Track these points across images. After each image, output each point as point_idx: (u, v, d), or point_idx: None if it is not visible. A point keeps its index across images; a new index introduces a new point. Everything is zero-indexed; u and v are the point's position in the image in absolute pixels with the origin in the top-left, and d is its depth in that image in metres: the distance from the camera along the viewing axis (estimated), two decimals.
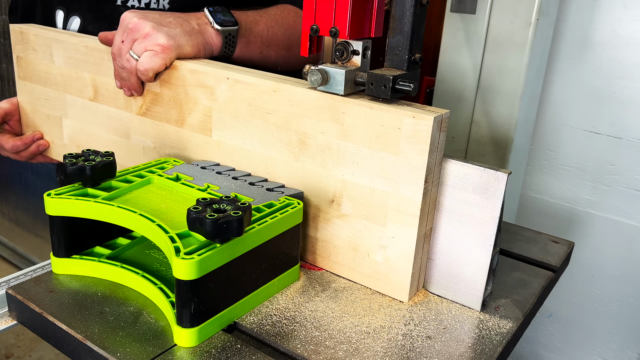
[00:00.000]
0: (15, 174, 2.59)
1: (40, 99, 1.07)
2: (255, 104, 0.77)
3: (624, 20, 1.32)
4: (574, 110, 1.43)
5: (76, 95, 1.00)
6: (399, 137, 0.66)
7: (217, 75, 0.79)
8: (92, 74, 0.96)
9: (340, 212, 0.73)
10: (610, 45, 1.35)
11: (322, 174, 0.73)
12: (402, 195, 0.67)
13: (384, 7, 0.71)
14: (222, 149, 0.82)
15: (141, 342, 0.61)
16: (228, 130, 0.81)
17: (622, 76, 1.35)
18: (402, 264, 0.70)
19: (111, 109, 0.95)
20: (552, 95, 1.46)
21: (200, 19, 0.89)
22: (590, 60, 1.38)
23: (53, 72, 1.02)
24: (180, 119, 0.86)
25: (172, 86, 0.85)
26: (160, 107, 0.88)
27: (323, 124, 0.71)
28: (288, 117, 0.74)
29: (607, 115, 1.39)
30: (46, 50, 1.01)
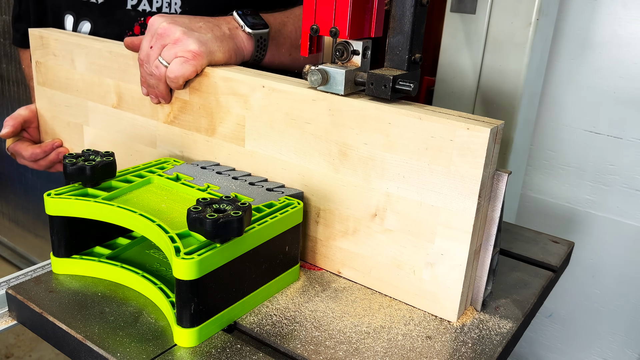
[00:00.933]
0: (15, 174, 2.59)
1: (60, 106, 1.05)
2: (293, 113, 0.74)
3: (624, 20, 1.32)
4: (574, 110, 1.43)
5: (98, 102, 0.97)
6: (450, 150, 0.63)
7: (251, 83, 0.76)
8: (116, 80, 0.93)
9: (384, 227, 0.70)
10: (610, 45, 1.35)
11: (364, 187, 0.70)
12: (453, 210, 0.64)
13: (384, 7, 0.71)
14: (255, 159, 0.80)
15: (141, 342, 0.61)
16: (262, 140, 0.78)
17: (622, 76, 1.35)
18: (451, 282, 0.66)
19: (136, 116, 0.92)
20: (552, 95, 1.46)
21: (231, 23, 0.86)
22: (590, 60, 1.38)
23: (74, 78, 0.99)
24: (211, 128, 0.83)
25: (203, 94, 0.82)
26: (189, 115, 0.85)
27: (366, 135, 0.68)
28: (328, 127, 0.71)
29: (607, 115, 1.39)
30: (67, 55, 0.99)
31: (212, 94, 0.81)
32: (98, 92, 0.97)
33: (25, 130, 1.10)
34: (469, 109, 1.38)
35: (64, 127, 1.06)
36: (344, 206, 0.73)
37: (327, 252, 0.76)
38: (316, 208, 0.76)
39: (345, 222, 0.73)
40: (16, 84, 2.40)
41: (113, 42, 0.95)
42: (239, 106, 0.79)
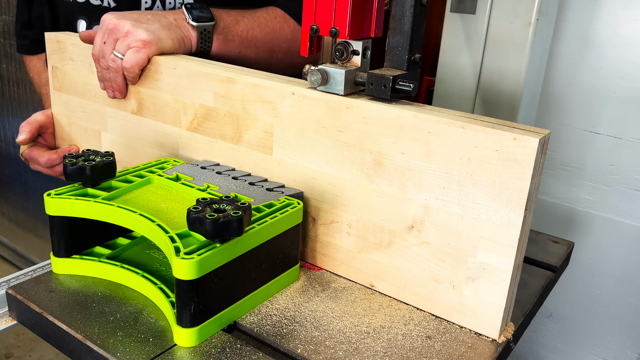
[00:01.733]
0: (15, 174, 2.59)
1: (77, 112, 1.02)
2: (324, 121, 0.71)
3: (624, 20, 1.32)
4: (574, 110, 1.43)
5: (117, 108, 0.95)
6: (495, 160, 0.60)
7: (280, 90, 0.74)
8: (136, 86, 0.90)
9: (421, 240, 0.67)
10: (610, 45, 1.35)
11: (400, 198, 0.68)
12: (497, 223, 0.61)
13: (384, 7, 0.71)
14: (283, 167, 0.77)
15: (141, 342, 0.61)
16: (291, 148, 0.76)
17: (622, 76, 1.35)
18: (494, 297, 0.64)
19: (157, 123, 0.90)
20: (552, 95, 1.46)
21: (178, 15, 0.92)
22: (590, 60, 1.38)
23: (93, 84, 0.97)
24: (237, 136, 0.80)
25: (229, 101, 0.79)
26: (214, 122, 0.82)
27: (404, 144, 0.66)
28: (362, 136, 0.69)
29: (607, 115, 1.39)
30: (85, 60, 0.96)
31: (239, 101, 0.78)
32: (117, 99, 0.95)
33: (41, 136, 1.10)
34: (469, 109, 1.38)
35: (80, 133, 1.04)
36: (378, 217, 0.70)
37: (359, 264, 0.74)
38: (348, 219, 0.73)
39: (379, 233, 0.71)
40: (16, 84, 2.40)
41: None
42: (266, 114, 0.76)
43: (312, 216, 0.76)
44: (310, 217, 0.76)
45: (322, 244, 0.77)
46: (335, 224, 0.74)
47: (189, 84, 0.83)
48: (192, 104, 0.84)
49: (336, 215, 0.74)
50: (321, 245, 0.77)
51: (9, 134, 2.53)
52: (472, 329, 0.67)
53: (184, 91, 0.84)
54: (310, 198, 0.76)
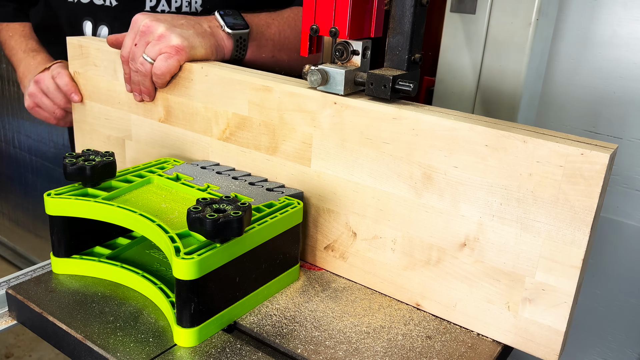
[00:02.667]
0: (15, 174, 2.59)
1: (100, 118, 0.99)
2: (368, 132, 0.68)
3: (624, 20, 1.32)
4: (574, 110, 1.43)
5: (143, 116, 0.92)
6: (559, 176, 0.57)
7: (321, 99, 0.71)
8: (164, 93, 0.87)
9: (474, 258, 0.65)
10: (610, 45, 1.35)
11: (452, 214, 0.65)
12: (559, 242, 0.59)
13: (384, 7, 0.71)
14: (322, 179, 0.74)
15: (141, 342, 0.61)
16: (331, 160, 0.73)
17: (622, 76, 1.35)
18: (553, 320, 0.61)
19: (186, 131, 0.87)
20: (552, 95, 1.46)
21: (212, 22, 0.89)
22: (590, 60, 1.38)
23: (117, 90, 0.94)
24: (273, 146, 0.78)
25: (264, 110, 0.76)
26: (248, 132, 0.79)
27: (457, 157, 0.63)
28: (410, 148, 0.66)
29: (607, 115, 1.39)
30: (109, 66, 0.93)
31: (275, 110, 0.76)
32: (143, 106, 0.91)
33: None
34: (469, 109, 1.38)
35: (103, 140, 1.01)
36: (426, 234, 0.67)
37: (404, 282, 0.71)
38: (392, 235, 0.70)
39: (427, 251, 0.68)
40: (16, 84, 2.40)
41: None
42: (305, 123, 0.73)
43: (352, 231, 0.73)
44: (351, 231, 0.74)
45: (363, 260, 0.74)
46: (379, 239, 0.71)
47: (222, 91, 0.80)
48: (225, 113, 0.81)
49: (380, 231, 0.71)
50: (362, 261, 0.74)
51: (9, 134, 2.53)
52: (528, 352, 0.64)
53: (216, 99, 0.81)
54: (350, 212, 0.73)
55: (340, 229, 0.74)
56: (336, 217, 0.74)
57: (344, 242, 0.75)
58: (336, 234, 0.75)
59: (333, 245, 0.76)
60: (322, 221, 0.76)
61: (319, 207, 0.76)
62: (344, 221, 0.74)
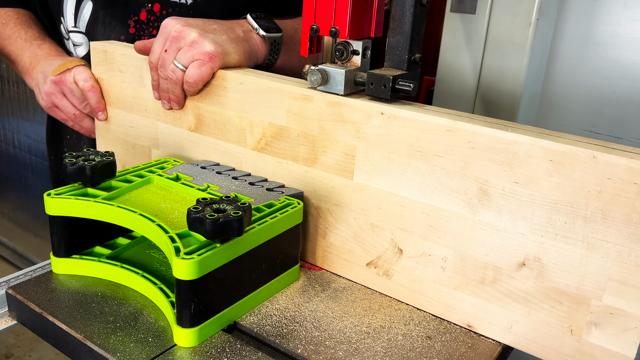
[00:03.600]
0: (15, 174, 2.59)
1: (124, 126, 0.95)
2: (419, 145, 0.65)
3: (624, 20, 1.32)
4: (574, 110, 1.43)
5: (172, 124, 0.88)
6: (634, 194, 0.54)
7: (366, 109, 0.68)
8: (195, 101, 0.84)
9: (533, 279, 0.61)
10: (610, 45, 1.35)
11: (510, 231, 0.61)
12: (631, 264, 0.56)
13: (384, 7, 0.71)
14: (365, 193, 0.71)
15: (141, 342, 0.61)
16: (376, 173, 0.69)
17: (622, 76, 1.35)
18: (622, 345, 0.58)
19: (218, 141, 0.83)
20: (552, 95, 1.46)
21: (245, 26, 0.86)
22: (590, 60, 1.38)
23: (143, 97, 0.90)
24: (312, 158, 0.74)
25: (304, 120, 0.73)
26: (285, 142, 0.76)
27: (517, 172, 0.59)
28: (465, 162, 0.62)
29: (607, 115, 1.39)
30: (136, 72, 0.90)
31: (316, 120, 0.72)
32: (172, 114, 0.88)
33: None
34: (469, 109, 1.38)
35: (128, 149, 0.97)
36: (481, 252, 0.64)
37: (454, 302, 0.68)
38: (443, 252, 0.67)
39: (481, 270, 0.65)
40: (16, 84, 2.40)
41: None
42: (348, 134, 0.70)
43: (398, 247, 0.70)
44: (396, 248, 0.70)
45: (410, 279, 0.70)
46: (428, 257, 0.68)
47: (258, 100, 0.77)
48: (260, 122, 0.78)
49: (429, 248, 0.68)
50: (409, 279, 0.70)
51: (9, 134, 2.53)
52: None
53: (251, 108, 0.78)
54: (396, 227, 0.70)
55: (385, 245, 0.71)
56: (380, 232, 0.71)
57: (389, 258, 0.71)
58: (380, 250, 0.72)
59: (376, 262, 0.72)
60: (364, 236, 0.72)
61: (361, 221, 0.72)
62: (389, 237, 0.70)
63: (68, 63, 0.96)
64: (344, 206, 0.73)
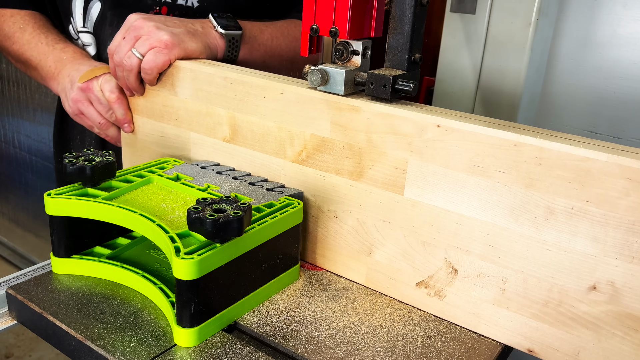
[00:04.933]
0: (15, 174, 2.60)
1: (153, 136, 0.92)
2: (479, 159, 0.61)
3: (624, 20, 1.32)
4: (574, 110, 1.43)
5: (205, 134, 0.85)
6: None
7: (420, 121, 0.64)
8: (230, 111, 0.80)
9: (605, 304, 0.58)
10: (610, 45, 1.35)
11: (579, 253, 0.58)
12: None
13: (384, 7, 0.71)
14: (416, 209, 0.67)
15: (141, 342, 0.61)
16: (430, 188, 0.66)
17: (622, 76, 1.35)
18: None
19: (255, 152, 0.80)
20: (552, 95, 1.46)
21: (205, 23, 0.91)
22: (590, 60, 1.38)
23: (174, 106, 0.87)
24: (358, 171, 0.71)
25: (349, 131, 0.70)
26: (328, 155, 0.73)
27: (589, 191, 0.56)
28: (531, 179, 0.59)
29: (607, 115, 1.39)
30: (167, 79, 0.87)
31: (363, 132, 0.69)
32: (205, 123, 0.84)
33: None
34: (469, 109, 1.38)
35: (155, 159, 0.90)
36: (546, 274, 0.61)
37: (514, 325, 0.64)
38: (502, 273, 0.63)
39: (545, 292, 0.61)
40: (16, 84, 2.40)
41: (228, 67, 0.82)
42: (399, 147, 0.67)
43: (452, 267, 0.67)
44: (451, 268, 0.67)
45: (465, 300, 0.67)
46: (485, 277, 0.65)
47: (299, 110, 0.74)
48: (302, 134, 0.74)
49: (487, 268, 0.64)
50: (464, 301, 0.67)
51: (9, 134, 2.53)
52: None
53: (292, 118, 0.75)
54: (451, 246, 0.66)
55: (438, 264, 0.68)
56: (433, 250, 0.68)
57: (442, 278, 0.68)
58: (432, 269, 0.68)
59: (427, 282, 0.69)
60: (415, 254, 0.69)
61: (411, 238, 0.69)
62: (442, 256, 0.67)
63: (96, 70, 0.94)
64: (392, 222, 0.70)
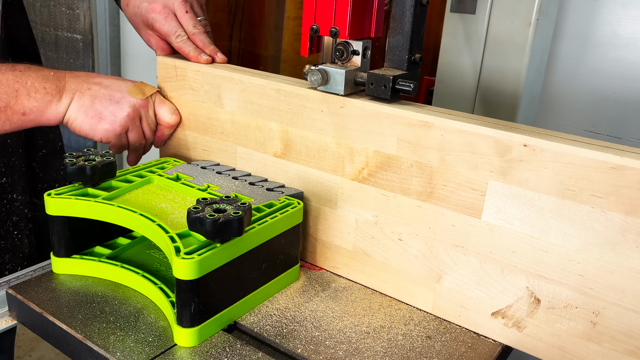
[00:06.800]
0: None
1: (196, 149, 0.88)
2: (571, 183, 0.57)
3: (624, 20, 1.32)
4: (574, 110, 1.43)
5: (254, 149, 0.81)
6: None
7: (503, 139, 0.60)
8: (283, 125, 0.76)
9: None
10: (610, 45, 1.35)
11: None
12: None
13: (384, 7, 0.71)
14: (496, 234, 0.63)
15: (141, 342, 0.61)
16: (512, 212, 0.61)
17: (622, 76, 1.35)
18: None
19: (309, 169, 0.76)
20: (552, 95, 1.46)
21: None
22: (590, 60, 1.38)
23: (220, 118, 0.83)
24: (427, 192, 0.66)
25: (420, 149, 0.66)
26: (393, 174, 0.68)
27: None
28: (634, 205, 0.55)
29: (607, 115, 1.39)
30: (212, 91, 0.82)
31: (435, 150, 0.65)
32: (254, 137, 0.80)
33: None
34: (469, 109, 1.38)
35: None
36: (626, 299, 0.57)
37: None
38: (594, 306, 0.59)
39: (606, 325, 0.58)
40: None
41: (282, 79, 0.78)
42: (478, 167, 0.62)
43: (535, 297, 0.62)
44: (533, 297, 0.62)
45: (549, 332, 0.63)
46: (574, 309, 0.60)
47: (361, 126, 0.70)
48: (364, 150, 0.70)
49: (576, 299, 0.60)
50: (548, 333, 0.63)
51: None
52: None
53: (353, 134, 0.71)
54: (534, 275, 0.62)
55: (518, 293, 0.63)
56: (513, 278, 0.63)
57: (521, 308, 0.63)
58: (511, 298, 0.64)
59: (505, 312, 0.65)
60: (491, 282, 0.65)
61: (488, 265, 0.64)
62: (524, 284, 0.62)
63: (145, 88, 0.85)
64: (466, 247, 0.65)
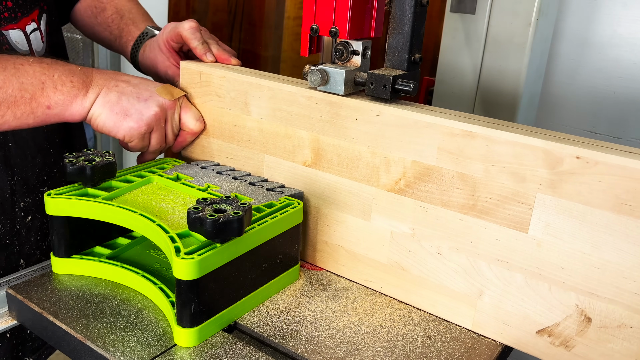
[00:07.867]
0: None
1: (221, 157, 0.86)
2: (629, 197, 0.55)
3: (624, 20, 1.32)
4: (574, 110, 1.43)
5: (282, 157, 0.78)
6: None
7: (554, 150, 0.57)
8: (314, 133, 0.74)
9: None
10: (610, 45, 1.35)
11: None
12: None
13: (384, 7, 0.71)
14: (544, 249, 0.61)
15: (141, 342, 0.61)
16: (562, 226, 0.59)
17: (622, 76, 1.35)
18: None
19: (342, 179, 0.73)
20: (552, 95, 1.46)
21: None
22: (590, 60, 1.38)
23: (247, 126, 0.81)
24: (470, 205, 0.64)
25: (462, 160, 0.63)
26: (433, 185, 0.66)
27: None
28: None
29: (607, 115, 1.39)
30: (239, 97, 0.80)
31: (479, 161, 0.62)
32: (283, 146, 0.78)
33: None
34: (469, 109, 1.38)
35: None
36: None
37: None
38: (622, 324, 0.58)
39: None
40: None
41: (306, 83, 0.76)
42: (525, 180, 0.60)
43: (585, 315, 0.60)
44: (583, 315, 0.60)
45: (599, 352, 0.60)
46: (628, 329, 0.58)
47: (398, 135, 0.67)
48: (401, 160, 0.68)
49: (631, 319, 0.57)
50: (598, 353, 0.60)
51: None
52: None
53: (389, 143, 0.68)
54: (585, 292, 0.60)
55: (567, 311, 0.61)
56: (561, 296, 0.61)
57: (570, 327, 0.61)
58: (559, 316, 0.62)
59: (552, 330, 0.62)
60: (538, 299, 0.62)
61: (534, 281, 0.62)
62: (573, 302, 0.60)
63: (174, 90, 0.84)
64: (511, 262, 0.63)
